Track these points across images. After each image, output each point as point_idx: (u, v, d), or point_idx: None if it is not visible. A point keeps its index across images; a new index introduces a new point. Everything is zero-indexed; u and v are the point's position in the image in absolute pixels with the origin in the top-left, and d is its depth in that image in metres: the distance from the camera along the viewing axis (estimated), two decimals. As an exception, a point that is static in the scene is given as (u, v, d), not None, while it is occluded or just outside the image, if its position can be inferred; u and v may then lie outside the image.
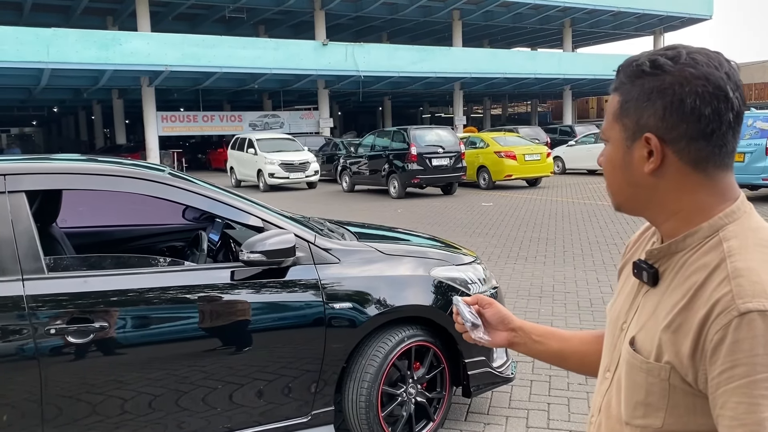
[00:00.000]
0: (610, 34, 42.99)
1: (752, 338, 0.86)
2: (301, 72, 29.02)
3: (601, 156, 1.09)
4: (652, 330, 0.98)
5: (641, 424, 1.00)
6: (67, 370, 2.52)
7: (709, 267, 0.94)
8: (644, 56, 0.99)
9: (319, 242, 3.05)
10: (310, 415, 2.99)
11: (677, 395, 0.95)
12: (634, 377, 1.00)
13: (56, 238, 3.44)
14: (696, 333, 0.91)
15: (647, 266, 1.03)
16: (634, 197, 1.04)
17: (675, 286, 0.98)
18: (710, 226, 0.97)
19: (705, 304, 0.91)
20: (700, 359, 0.91)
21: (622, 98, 1.01)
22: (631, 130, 0.99)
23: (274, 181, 19.27)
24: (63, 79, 27.59)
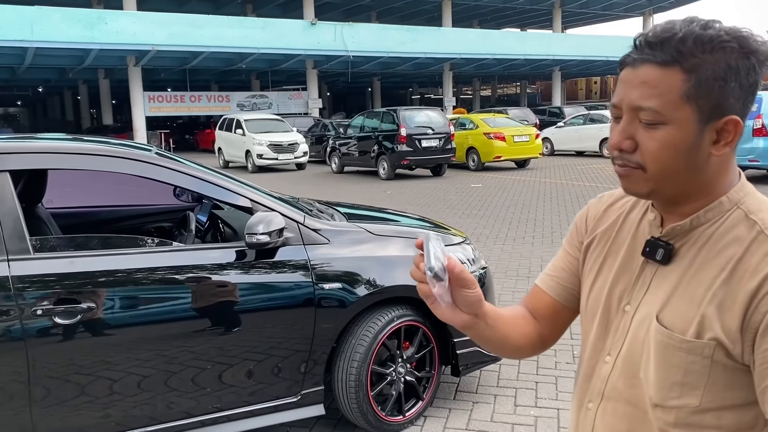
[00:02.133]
0: (599, 15, 42.89)
1: None
2: (290, 52, 28.77)
3: (629, 139, 0.95)
4: (683, 307, 0.96)
5: (677, 404, 0.97)
6: (55, 351, 2.51)
7: (745, 240, 0.93)
8: (716, 31, 0.90)
9: (308, 223, 3.04)
10: (300, 395, 3.00)
11: (717, 372, 0.94)
12: (670, 358, 0.96)
13: (42, 219, 3.40)
14: (745, 304, 0.90)
15: (664, 244, 1.00)
16: (684, 182, 0.96)
17: (703, 261, 0.96)
18: (729, 200, 0.97)
19: (753, 276, 0.90)
20: (748, 331, 0.90)
21: (695, 76, 0.90)
22: (707, 112, 0.91)
23: (263, 162, 19.17)
24: (48, 58, 27.19)
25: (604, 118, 20.30)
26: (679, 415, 0.97)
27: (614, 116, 0.99)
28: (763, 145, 11.90)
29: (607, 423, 1.06)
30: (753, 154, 12.01)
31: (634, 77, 0.93)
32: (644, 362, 1.01)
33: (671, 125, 0.92)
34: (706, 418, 0.96)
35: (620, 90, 0.96)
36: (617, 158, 0.98)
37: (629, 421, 1.03)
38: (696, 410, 0.96)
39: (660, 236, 1.01)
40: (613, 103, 0.98)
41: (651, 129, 0.93)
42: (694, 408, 0.96)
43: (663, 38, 0.91)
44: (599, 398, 1.08)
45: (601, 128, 20.01)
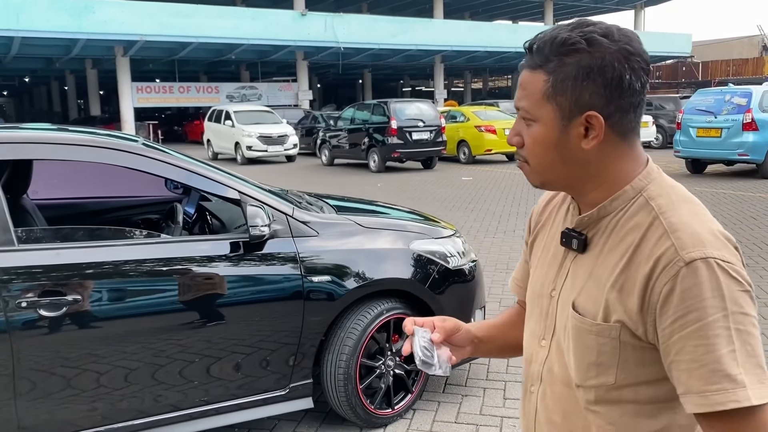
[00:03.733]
0: (591, 8, 42.92)
1: (699, 284, 0.92)
2: (280, 43, 28.59)
3: (517, 135, 1.06)
4: (594, 293, 1.03)
5: (595, 383, 1.04)
6: (40, 344, 2.48)
7: (643, 226, 1.00)
8: (571, 33, 0.98)
9: (297, 215, 3.02)
10: (289, 388, 2.98)
11: (627, 351, 1.00)
12: (584, 341, 1.04)
13: (27, 210, 3.35)
14: (642, 288, 0.96)
15: (577, 234, 1.07)
16: (566, 173, 1.04)
17: (610, 248, 1.03)
18: (633, 188, 1.03)
19: (647, 261, 0.96)
20: (647, 312, 0.96)
21: (553, 77, 0.99)
22: (568, 109, 0.99)
23: (252, 154, 19.07)
24: (34, 48, 26.86)
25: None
26: (598, 393, 1.04)
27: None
28: (753, 140, 11.97)
29: (547, 405, 1.13)
30: (742, 148, 12.09)
31: (519, 81, 1.05)
32: (566, 346, 1.08)
33: (539, 123, 1.01)
34: (623, 393, 1.03)
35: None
36: (516, 153, 1.08)
37: (565, 402, 1.10)
38: (613, 387, 1.03)
39: (573, 227, 1.08)
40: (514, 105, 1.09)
41: (528, 127, 1.03)
42: (611, 386, 1.03)
43: (533, 45, 1.02)
44: (539, 382, 1.15)
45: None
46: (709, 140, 12.60)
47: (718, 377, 0.91)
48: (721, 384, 0.91)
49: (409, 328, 1.18)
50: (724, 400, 0.91)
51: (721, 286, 0.92)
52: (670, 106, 20.87)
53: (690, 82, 40.32)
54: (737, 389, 0.91)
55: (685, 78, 42.64)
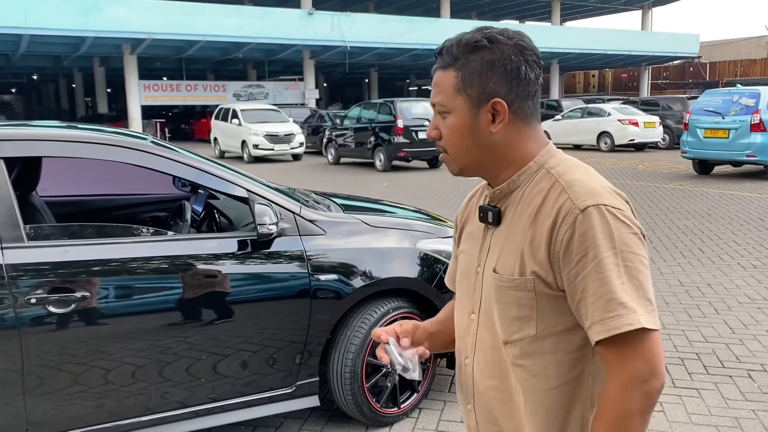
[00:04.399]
0: (599, 8, 42.77)
1: (593, 227, 1.06)
2: (286, 42, 28.60)
3: (434, 129, 1.20)
4: (510, 254, 1.15)
5: (518, 337, 1.15)
6: (49, 340, 2.49)
7: (545, 189, 1.14)
8: (475, 35, 1.15)
9: (304, 213, 3.03)
10: (295, 386, 2.99)
11: (543, 302, 1.12)
12: (505, 297, 1.16)
13: (36, 207, 3.37)
14: (547, 239, 1.09)
15: (491, 207, 1.21)
16: (478, 157, 1.19)
17: (519, 214, 1.16)
18: (536, 163, 1.18)
19: (550, 215, 1.10)
20: (554, 260, 1.09)
21: (461, 72, 1.14)
22: (476, 98, 1.14)
23: (259, 153, 19.10)
24: (42, 46, 26.95)
25: (602, 112, 20.28)
26: (522, 346, 1.15)
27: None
28: (761, 141, 11.91)
29: (482, 371, 1.23)
30: (750, 149, 12.03)
31: (433, 81, 1.20)
32: (493, 308, 1.20)
33: (452, 113, 1.17)
34: (545, 345, 1.14)
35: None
36: (437, 146, 1.23)
37: (497, 365, 1.20)
38: (535, 339, 1.14)
39: (488, 202, 1.23)
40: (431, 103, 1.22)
41: (444, 119, 1.18)
42: (533, 337, 1.14)
43: (445, 48, 1.18)
44: (473, 352, 1.25)
45: (599, 122, 19.99)
46: (717, 141, 12.54)
47: (613, 305, 1.04)
48: (616, 311, 1.04)
49: (385, 338, 1.33)
50: (619, 324, 1.03)
51: (611, 228, 1.06)
52: (677, 106, 20.80)
53: (697, 82, 40.15)
54: (629, 314, 1.04)
55: (692, 78, 42.46)
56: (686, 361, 4.02)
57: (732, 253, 6.76)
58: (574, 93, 46.97)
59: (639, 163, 16.20)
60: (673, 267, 6.26)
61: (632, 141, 19.39)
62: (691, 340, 4.37)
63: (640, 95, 36.22)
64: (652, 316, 1.05)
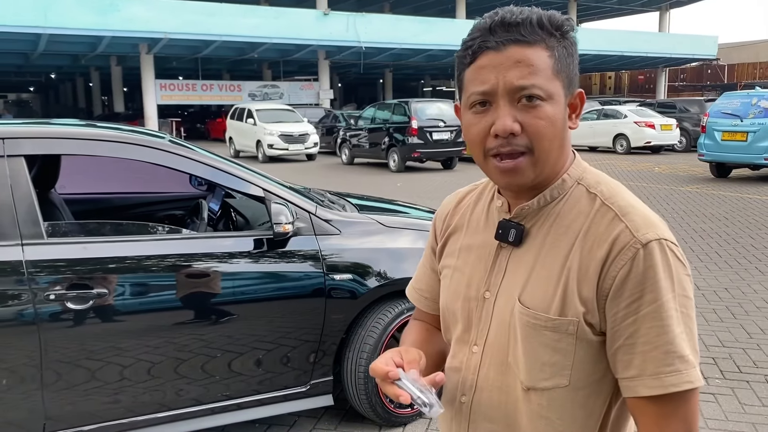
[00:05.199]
0: (615, 10, 42.50)
1: (655, 266, 0.90)
2: (302, 42, 28.69)
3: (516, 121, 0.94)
4: (543, 285, 0.97)
5: (548, 385, 0.98)
6: (67, 336, 2.52)
7: (589, 212, 0.97)
8: (554, 13, 0.97)
9: (320, 213, 3.04)
10: (309, 385, 3.00)
11: (582, 349, 0.96)
12: (537, 338, 0.97)
13: (55, 204, 3.41)
14: (597, 273, 0.93)
15: (516, 224, 1.02)
16: (555, 160, 0.99)
17: (554, 238, 0.98)
18: (571, 177, 1.01)
19: (601, 245, 0.93)
20: (601, 298, 0.93)
21: (556, 52, 0.95)
22: (567, 86, 0.97)
23: (273, 152, 19.18)
24: (61, 45, 27.25)
25: (619, 114, 20.14)
26: (551, 396, 0.99)
27: (478, 107, 0.97)
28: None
29: (483, 413, 1.06)
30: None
31: (505, 59, 0.93)
32: (512, 346, 1.01)
33: (550, 101, 0.94)
34: (575, 396, 0.98)
35: (490, 75, 0.94)
36: (502, 146, 0.95)
37: (504, 410, 1.03)
38: (566, 389, 0.98)
39: (511, 218, 1.03)
40: (484, 90, 0.95)
41: (532, 108, 0.93)
42: (564, 387, 0.98)
43: (521, 19, 0.94)
44: (472, 390, 1.07)
45: (615, 124, 19.87)
46: (735, 144, 12.41)
47: (672, 358, 0.90)
48: (675, 365, 0.90)
49: (395, 374, 1.00)
50: (678, 381, 0.90)
51: (671, 267, 0.92)
52: (694, 108, 20.62)
53: (715, 84, 39.76)
54: (690, 370, 0.90)
55: (710, 81, 42.05)
56: (703, 365, 3.98)
57: (750, 257, 6.69)
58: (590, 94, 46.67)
59: (655, 166, 16.07)
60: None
61: (648, 143, 19.25)
62: (707, 344, 4.33)
63: (656, 97, 35.98)
64: (699, 371, 0.93)
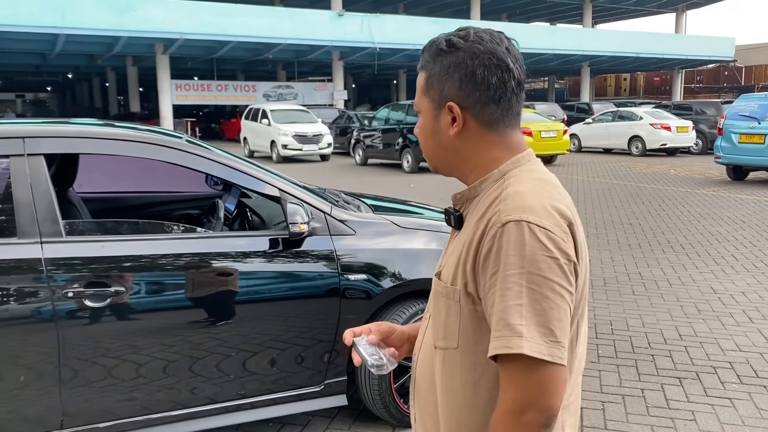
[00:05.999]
0: (631, 11, 42.21)
1: (507, 243, 1.02)
2: (316, 43, 28.76)
3: (417, 127, 1.22)
4: (452, 260, 1.14)
5: (443, 345, 1.15)
6: (84, 334, 2.55)
7: (491, 200, 1.11)
8: (442, 37, 1.15)
9: (335, 213, 3.04)
10: (323, 385, 3.01)
11: (466, 318, 1.10)
12: (438, 303, 1.16)
13: (73, 203, 3.45)
14: (475, 249, 1.08)
15: (453, 210, 1.20)
16: (444, 159, 1.19)
17: (469, 221, 1.15)
18: (500, 171, 1.15)
19: (482, 224, 1.08)
20: (477, 272, 1.07)
21: (427, 74, 1.16)
22: (437, 101, 1.15)
23: (287, 153, 19.25)
24: (78, 45, 27.51)
25: (634, 116, 20.00)
26: (446, 355, 1.14)
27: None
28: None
29: (420, 369, 1.25)
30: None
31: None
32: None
33: (421, 114, 1.20)
34: (465, 360, 1.12)
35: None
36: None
37: (429, 365, 1.21)
38: (456, 352, 1.12)
39: (453, 205, 1.22)
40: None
41: (419, 119, 1.21)
42: (455, 350, 1.13)
43: (423, 50, 1.18)
44: (418, 350, 1.27)
45: (631, 125, 19.73)
46: (752, 147, 12.29)
47: (500, 325, 1.01)
48: (502, 331, 1.01)
49: (348, 339, 1.30)
50: (499, 345, 1.00)
51: (525, 246, 1.01)
52: (711, 111, 20.44)
53: (732, 86, 39.38)
54: (512, 337, 0.99)
55: (727, 82, 41.67)
56: (719, 370, 3.94)
57: (767, 260, 6.62)
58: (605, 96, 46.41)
59: (671, 168, 15.94)
60: (705, 274, 6.15)
61: (664, 146, 19.10)
62: (724, 348, 4.29)
63: (672, 99, 35.68)
64: (547, 347, 0.98)
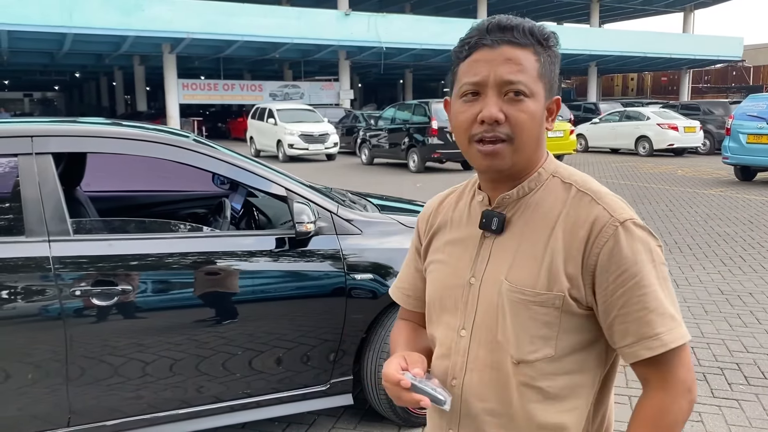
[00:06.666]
0: (638, 10, 42.04)
1: (633, 241, 1.03)
2: (323, 42, 28.78)
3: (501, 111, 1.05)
4: (528, 265, 1.07)
5: (537, 357, 1.08)
6: (92, 332, 2.55)
7: (566, 199, 1.09)
8: (543, 26, 1.11)
9: (341, 213, 3.04)
10: (329, 384, 3.01)
11: (566, 320, 1.06)
12: (526, 313, 1.07)
13: (81, 202, 3.46)
14: (581, 251, 1.04)
15: (498, 213, 1.12)
16: (532, 153, 1.12)
17: (534, 224, 1.09)
18: (546, 170, 1.14)
19: (583, 225, 1.05)
20: (586, 274, 1.04)
21: (542, 59, 1.08)
22: (548, 91, 1.10)
23: (294, 152, 19.27)
24: (85, 45, 27.63)
25: (641, 116, 19.93)
26: (540, 366, 1.08)
27: (468, 96, 1.09)
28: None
29: (475, 393, 1.13)
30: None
31: (498, 55, 1.06)
32: (500, 325, 1.10)
33: (532, 98, 1.07)
34: (561, 365, 1.08)
35: (482, 68, 1.06)
36: (486, 132, 1.06)
37: (495, 386, 1.11)
38: (553, 359, 1.07)
39: (493, 207, 1.14)
40: (476, 81, 1.07)
41: (517, 102, 1.06)
42: (551, 357, 1.07)
43: (515, 24, 1.08)
44: (462, 372, 1.14)
45: (638, 125, 19.66)
46: (760, 147, 12.23)
47: (665, 319, 1.02)
48: (668, 324, 1.02)
49: (407, 382, 1.10)
50: (674, 338, 1.02)
51: (648, 241, 1.05)
52: (718, 111, 20.34)
53: (740, 86, 39.18)
54: (679, 327, 1.03)
55: (735, 82, 41.47)
56: (726, 371, 3.93)
57: (775, 262, 6.59)
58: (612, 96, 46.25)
59: (678, 169, 15.88)
60: (713, 275, 6.12)
61: (671, 146, 19.02)
62: (731, 349, 4.27)
63: (680, 99, 35.54)
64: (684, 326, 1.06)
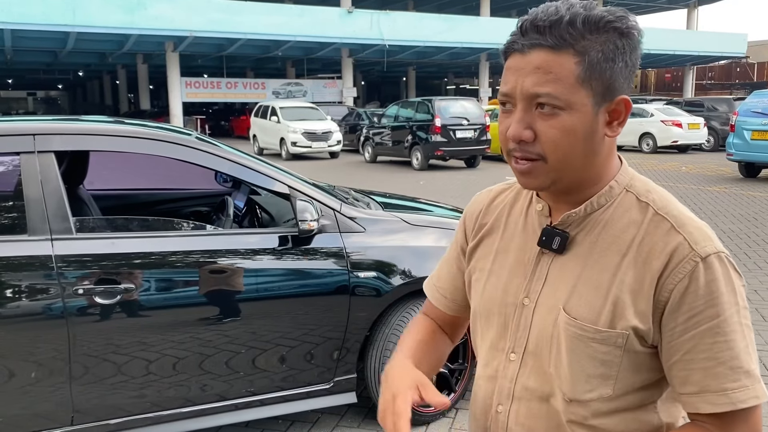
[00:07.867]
0: (642, 7, 41.92)
1: (717, 280, 0.88)
2: (326, 40, 28.77)
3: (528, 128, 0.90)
4: (590, 296, 0.94)
5: (592, 397, 0.96)
6: (95, 330, 2.55)
7: (641, 222, 0.94)
8: (597, 12, 0.89)
9: (344, 210, 3.03)
10: (333, 382, 3.00)
11: (628, 359, 0.94)
12: (584, 350, 0.94)
13: (83, 200, 3.46)
14: (653, 285, 0.90)
15: (560, 232, 0.98)
16: (582, 169, 0.94)
17: (603, 247, 0.95)
18: (618, 184, 0.97)
19: (659, 256, 0.90)
20: (656, 311, 0.91)
21: (586, 58, 0.88)
22: (601, 94, 0.90)
23: (297, 150, 19.27)
24: (88, 43, 27.67)
25: (645, 112, 19.87)
26: (595, 406, 0.96)
27: (504, 106, 0.95)
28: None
29: (523, 424, 1.02)
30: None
31: (526, 63, 0.89)
32: (554, 356, 0.98)
33: (568, 110, 0.89)
34: (619, 403, 0.96)
35: (511, 78, 0.91)
36: (515, 150, 0.93)
37: (546, 420, 1.00)
38: (609, 399, 0.96)
39: (555, 225, 0.99)
40: (505, 92, 0.93)
41: (549, 117, 0.89)
42: (608, 397, 0.96)
43: (551, 21, 0.88)
44: (509, 400, 1.03)
45: (641, 122, 19.60)
46: (765, 143, 12.18)
47: (738, 374, 0.88)
48: (742, 381, 0.88)
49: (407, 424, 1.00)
50: (746, 398, 0.88)
51: (733, 281, 0.90)
52: (722, 107, 20.28)
53: (744, 83, 39.04)
54: (755, 385, 0.88)
55: (739, 79, 41.32)
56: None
57: (780, 259, 6.56)
58: (615, 93, 46.02)
59: (682, 165, 15.83)
60: (717, 272, 6.09)
61: (675, 142, 18.97)
62: (736, 347, 4.25)
63: (684, 96, 35.43)
64: (763, 385, 0.90)
